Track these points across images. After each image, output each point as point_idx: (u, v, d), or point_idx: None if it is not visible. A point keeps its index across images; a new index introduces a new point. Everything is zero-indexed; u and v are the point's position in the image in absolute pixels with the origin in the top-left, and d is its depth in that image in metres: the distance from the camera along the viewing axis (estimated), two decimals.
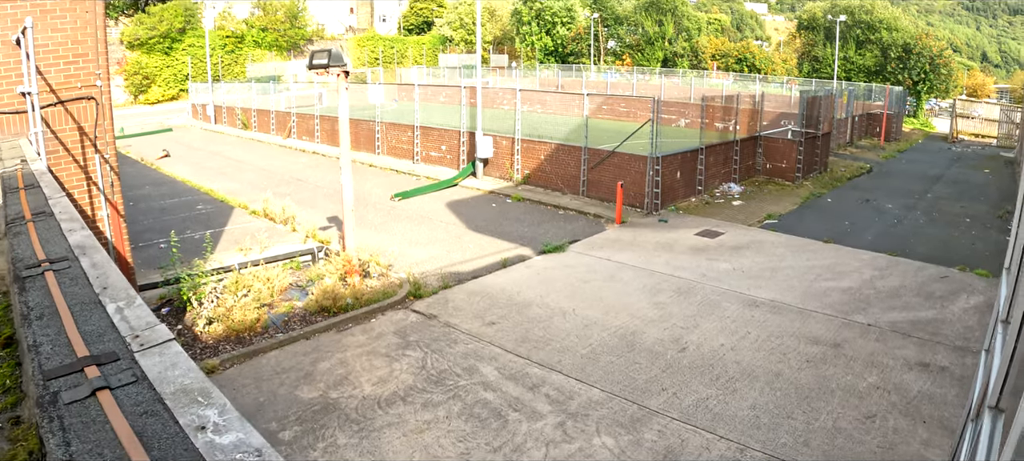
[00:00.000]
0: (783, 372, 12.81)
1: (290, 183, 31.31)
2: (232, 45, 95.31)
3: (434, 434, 10.52)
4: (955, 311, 16.15)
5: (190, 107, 65.82)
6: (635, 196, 26.70)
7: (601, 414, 11.22)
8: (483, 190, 30.06)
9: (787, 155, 33.97)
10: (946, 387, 12.34)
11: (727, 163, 31.90)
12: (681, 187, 28.37)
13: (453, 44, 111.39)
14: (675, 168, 27.71)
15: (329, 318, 15.06)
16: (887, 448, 10.44)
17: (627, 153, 27.17)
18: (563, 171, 29.42)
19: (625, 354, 13.48)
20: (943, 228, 25.57)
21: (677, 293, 17.01)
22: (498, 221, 24.84)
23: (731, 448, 10.33)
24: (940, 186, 35.50)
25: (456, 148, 34.19)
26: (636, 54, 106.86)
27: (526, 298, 16.54)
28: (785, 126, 36.85)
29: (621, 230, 23.88)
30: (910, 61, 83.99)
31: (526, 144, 30.99)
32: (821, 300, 16.69)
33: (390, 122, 38.38)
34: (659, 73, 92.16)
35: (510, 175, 31.45)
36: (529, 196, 28.64)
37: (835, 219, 26.32)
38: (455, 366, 12.85)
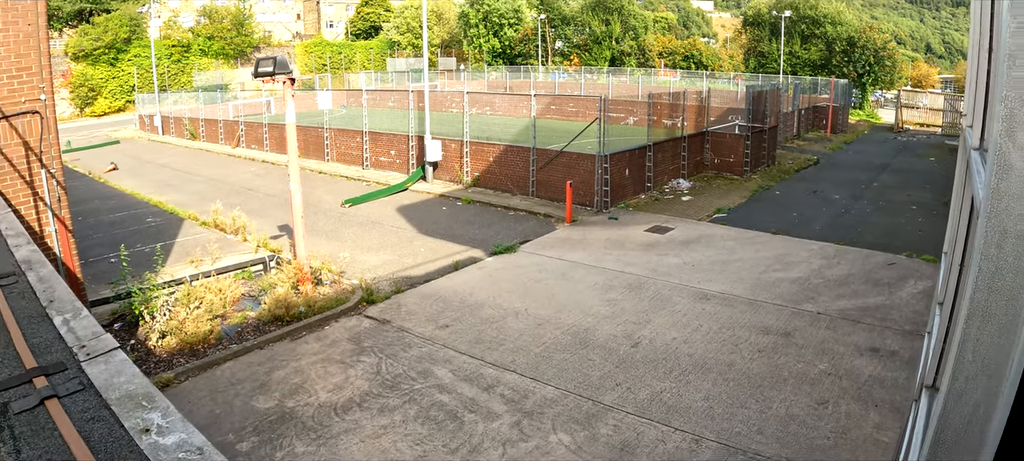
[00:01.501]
0: (735, 363, 12.89)
1: (240, 193, 31.04)
2: (178, 54, 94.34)
3: (391, 438, 10.48)
4: (903, 296, 16.33)
5: (137, 118, 64.93)
6: (585, 195, 26.75)
7: (556, 411, 11.23)
8: (433, 193, 29.96)
9: (735, 150, 34.21)
10: (896, 371, 12.49)
11: (675, 159, 32.05)
12: (630, 184, 28.47)
13: (401, 48, 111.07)
14: (624, 166, 27.80)
15: (283, 327, 14.93)
16: (840, 433, 10.53)
17: (575, 152, 27.24)
18: (512, 172, 29.43)
19: (578, 351, 13.50)
20: (890, 216, 25.86)
21: (629, 289, 17.05)
22: (449, 224, 24.77)
23: (686, 439, 10.38)
24: (886, 175, 35.89)
25: (405, 152, 34.07)
26: (584, 54, 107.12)
27: (478, 299, 16.51)
28: (732, 121, 37.15)
29: (571, 229, 23.92)
30: (855, 54, 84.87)
31: (475, 146, 30.96)
32: (771, 291, 16.81)
33: (339, 128, 38.16)
34: (607, 72, 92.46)
35: (460, 178, 31.39)
36: (479, 198, 28.61)
37: (783, 211, 26.53)
38: (410, 370, 12.80)
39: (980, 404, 2.33)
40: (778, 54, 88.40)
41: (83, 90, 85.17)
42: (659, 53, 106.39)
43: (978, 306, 2.26)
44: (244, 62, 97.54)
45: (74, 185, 30.09)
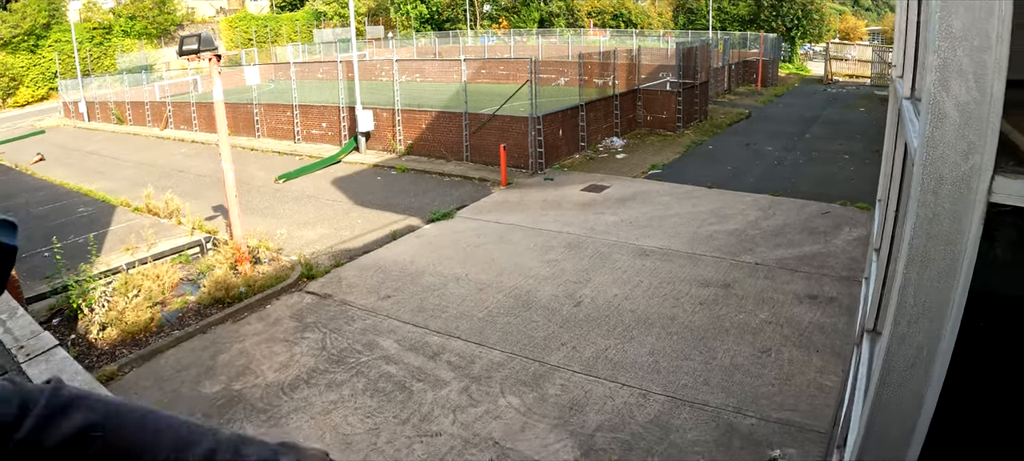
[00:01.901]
0: (678, 316, 13.03)
1: (171, 175, 30.59)
2: (100, 37, 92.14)
3: (342, 413, 10.46)
4: (839, 244, 16.60)
5: (62, 106, 63.40)
6: (519, 157, 26.76)
7: (504, 375, 11.28)
8: (367, 164, 29.77)
9: (667, 106, 34.39)
10: (836, 316, 12.71)
11: (608, 118, 32.14)
12: (564, 145, 28.53)
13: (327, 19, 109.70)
14: (557, 126, 27.84)
15: (224, 309, 14.78)
16: (784, 379, 10.71)
17: (508, 115, 27.26)
18: (446, 138, 29.33)
19: (522, 313, 13.56)
20: (823, 166, 26.20)
21: (568, 249, 17.13)
22: (385, 194, 24.65)
23: (634, 394, 10.49)
24: (818, 126, 36.33)
25: (337, 124, 33.81)
26: (512, 17, 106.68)
27: (419, 267, 16.48)
28: (664, 78, 37.26)
29: (508, 192, 23.93)
30: (783, 8, 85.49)
31: (407, 114, 30.79)
32: (709, 244, 16.98)
33: (268, 103, 37.68)
34: (536, 34, 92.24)
35: (393, 147, 31.22)
36: (413, 166, 28.48)
37: (718, 165, 26.74)
38: (355, 343, 12.76)
39: (923, 347, 2.39)
40: (707, 10, 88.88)
41: (4, 80, 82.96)
42: (588, 13, 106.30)
43: (917, 252, 2.31)
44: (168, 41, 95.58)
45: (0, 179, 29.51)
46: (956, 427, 2.66)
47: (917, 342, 2.39)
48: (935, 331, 2.34)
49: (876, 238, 6.54)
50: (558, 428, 9.80)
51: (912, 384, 2.45)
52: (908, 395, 2.47)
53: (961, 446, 2.77)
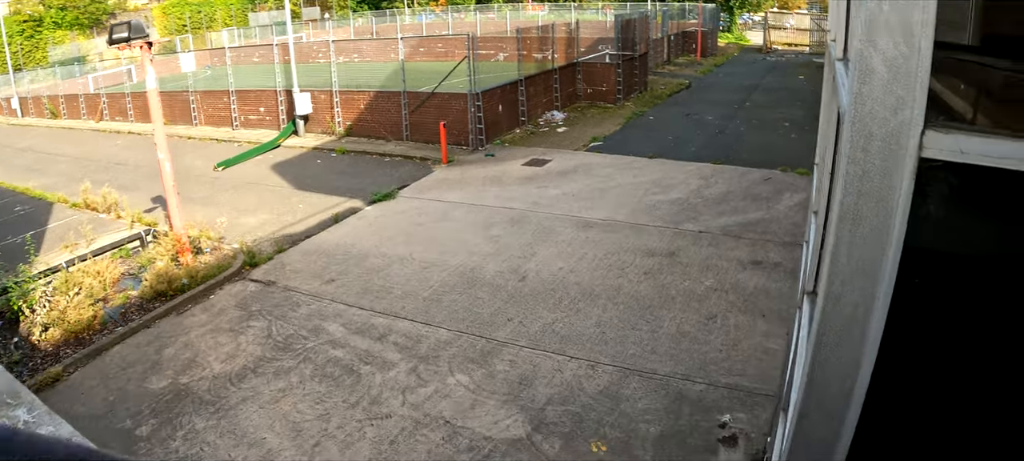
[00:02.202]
0: (623, 287, 13.08)
1: (109, 168, 30.06)
2: (31, 30, 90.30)
3: (291, 400, 10.39)
4: (781, 209, 16.75)
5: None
6: (459, 134, 26.68)
7: (451, 353, 11.28)
8: (307, 147, 29.51)
9: (607, 78, 34.48)
10: (780, 281, 12.85)
11: (548, 92, 32.15)
12: (505, 120, 28.49)
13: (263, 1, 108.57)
14: (496, 102, 27.79)
15: (167, 302, 14.56)
16: (732, 345, 10.82)
17: (447, 93, 27.14)
18: (385, 118, 29.16)
19: (467, 291, 13.54)
20: (763, 133, 26.41)
21: (511, 224, 17.12)
22: (325, 176, 24.46)
23: (582, 366, 10.53)
24: (757, 95, 36.59)
25: (275, 108, 33.48)
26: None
27: (362, 250, 16.38)
28: (603, 51, 37.32)
29: (449, 169, 23.85)
30: None
31: (345, 96, 30.56)
32: (652, 214, 17.05)
33: (204, 90, 37.14)
34: (474, 10, 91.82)
35: (332, 129, 30.96)
36: (353, 147, 28.28)
37: (659, 135, 26.85)
38: (301, 329, 12.67)
39: (858, 306, 2.38)
40: None
41: None
42: None
43: (848, 210, 2.30)
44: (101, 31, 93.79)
45: None
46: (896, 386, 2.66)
47: (852, 301, 2.38)
48: (869, 290, 2.34)
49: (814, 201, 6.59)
50: (508, 403, 9.82)
51: (848, 344, 2.44)
52: (845, 355, 2.47)
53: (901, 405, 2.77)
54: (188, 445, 9.58)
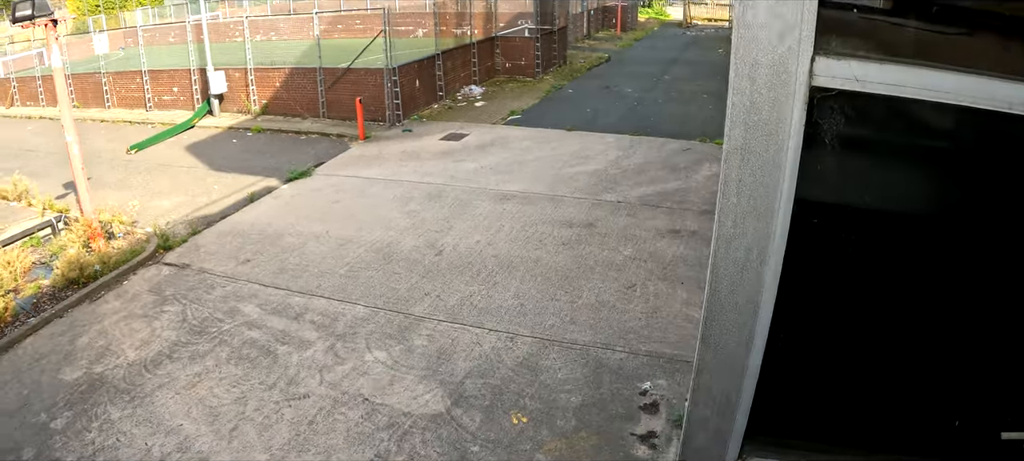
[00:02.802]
0: (541, 258, 13.06)
1: (19, 155, 29.25)
2: None
3: (207, 385, 10.18)
4: (699, 179, 16.88)
5: None
6: (376, 110, 26.47)
7: (369, 330, 11.18)
8: (222, 127, 29.02)
9: (525, 52, 34.51)
10: (698, 249, 12.94)
11: (466, 66, 32.07)
12: (422, 95, 28.34)
13: None
14: (413, 77, 27.63)
15: (79, 289, 14.15)
16: (651, 313, 10.87)
17: (363, 68, 26.93)
18: (301, 96, 28.81)
19: (384, 266, 13.41)
20: (682, 105, 26.63)
21: (428, 199, 17.01)
22: (241, 156, 24.10)
23: (501, 338, 10.50)
24: (677, 68, 36.92)
25: (189, 88, 32.84)
26: None
27: (277, 229, 16.14)
28: (522, 25, 37.32)
29: (366, 146, 23.64)
30: None
31: (260, 73, 30.11)
32: (570, 185, 17.06)
33: (117, 71, 36.27)
34: None
35: (248, 107, 30.51)
36: (269, 126, 27.88)
37: (578, 108, 26.92)
38: (216, 311, 12.42)
39: (752, 248, 2.29)
40: None
41: None
42: None
43: (736, 143, 2.20)
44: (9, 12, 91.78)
45: None
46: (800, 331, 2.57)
47: (745, 243, 2.29)
48: (763, 229, 2.24)
49: None
50: (427, 379, 9.75)
51: (744, 288, 2.35)
52: (741, 300, 2.38)
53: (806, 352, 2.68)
54: (104, 436, 9.33)
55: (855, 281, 2.53)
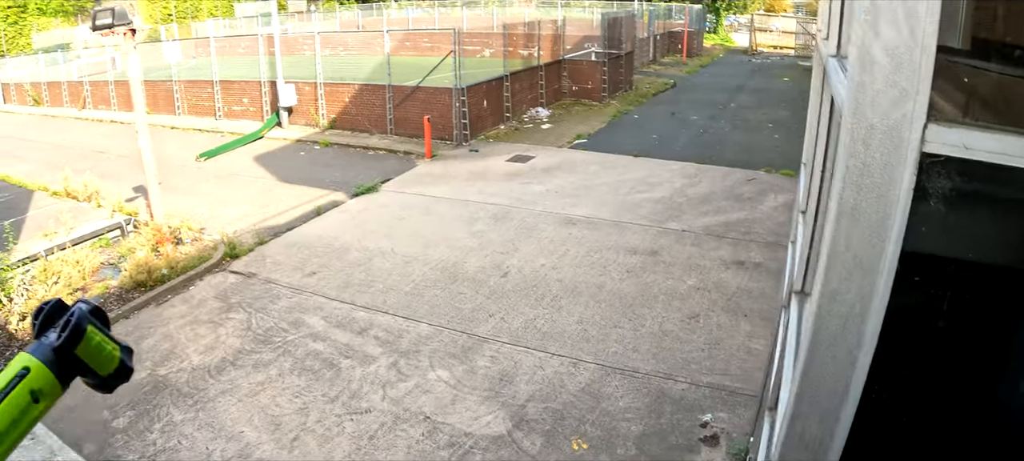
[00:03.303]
0: (605, 284, 13.05)
1: (90, 157, 29.84)
2: (15, 16, 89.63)
3: (270, 393, 10.30)
4: (764, 210, 16.77)
5: None
6: (444, 129, 26.61)
7: (432, 348, 11.22)
8: (290, 139, 29.40)
9: (592, 76, 34.51)
10: (763, 281, 12.84)
11: (534, 88, 32.13)
12: (489, 116, 28.45)
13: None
14: (481, 97, 27.73)
15: (146, 292, 14.42)
16: (714, 344, 10.81)
17: (432, 87, 27.07)
18: (369, 111, 29.07)
19: (449, 286, 13.48)
20: (748, 134, 26.48)
21: (494, 220, 17.08)
22: (308, 169, 24.37)
23: (564, 363, 10.50)
24: (742, 96, 36.68)
25: (259, 99, 33.32)
26: None
27: (344, 243, 16.30)
28: (589, 48, 37.34)
29: (432, 164, 23.79)
30: None
31: (330, 88, 30.44)
32: (635, 212, 17.04)
33: (188, 80, 36.91)
34: (461, 5, 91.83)
35: (316, 121, 30.85)
36: (337, 140, 28.18)
37: (643, 134, 26.87)
38: (281, 322, 12.57)
39: (855, 304, 2.33)
40: None
41: None
42: None
43: (847, 205, 2.25)
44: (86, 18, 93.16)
45: None
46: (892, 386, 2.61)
47: (849, 299, 2.34)
48: (867, 287, 2.29)
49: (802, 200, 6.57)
50: (489, 400, 9.77)
51: (845, 342, 2.40)
52: (841, 353, 2.42)
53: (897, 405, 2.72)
54: (165, 438, 9.48)
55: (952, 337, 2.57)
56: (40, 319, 1.89)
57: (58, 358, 1.84)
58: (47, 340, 1.86)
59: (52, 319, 1.89)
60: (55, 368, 1.83)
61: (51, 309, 1.91)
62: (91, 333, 1.89)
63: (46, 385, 1.82)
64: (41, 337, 1.87)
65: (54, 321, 1.89)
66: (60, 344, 1.83)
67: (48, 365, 1.82)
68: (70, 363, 1.87)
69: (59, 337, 1.84)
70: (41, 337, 1.87)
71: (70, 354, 1.86)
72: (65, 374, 1.87)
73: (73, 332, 1.85)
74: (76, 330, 1.85)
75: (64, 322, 1.86)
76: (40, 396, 1.81)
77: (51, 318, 1.89)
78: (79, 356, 1.87)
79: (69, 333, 1.84)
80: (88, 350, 1.88)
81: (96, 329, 1.92)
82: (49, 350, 1.83)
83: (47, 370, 1.82)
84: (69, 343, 1.84)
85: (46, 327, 1.89)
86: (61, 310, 1.91)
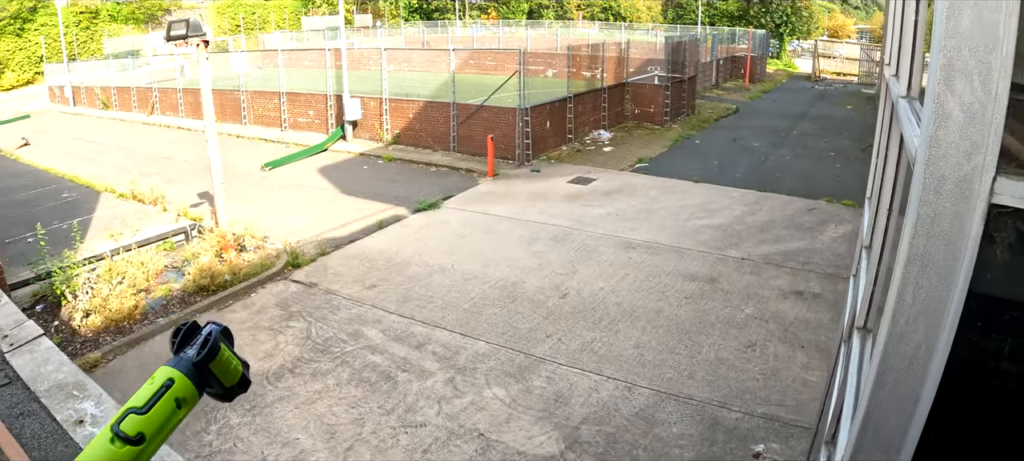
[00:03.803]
0: (663, 310, 13.05)
1: (157, 162, 30.39)
2: (87, 21, 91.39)
3: (326, 403, 10.43)
4: (825, 240, 16.66)
5: (47, 90, 62.82)
6: (506, 148, 26.76)
7: (489, 366, 11.29)
8: (354, 153, 29.72)
9: (655, 100, 34.48)
10: (821, 312, 12.76)
11: (596, 110, 32.19)
12: (552, 136, 28.53)
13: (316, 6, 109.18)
14: (544, 118, 27.84)
15: (208, 297, 14.71)
16: (769, 374, 10.76)
17: (496, 106, 27.24)
18: (433, 128, 29.30)
19: (507, 305, 13.56)
20: (809, 162, 26.30)
21: (554, 241, 17.14)
22: (371, 182, 24.61)
23: (619, 387, 10.51)
24: (805, 123, 36.45)
25: (324, 112, 33.72)
26: (501, 7, 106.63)
27: (404, 257, 16.46)
28: (652, 72, 37.37)
29: (494, 183, 23.93)
30: (772, 4, 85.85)
31: (394, 103, 30.74)
32: (695, 238, 17.02)
33: (255, 91, 37.53)
34: (525, 25, 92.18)
35: (380, 136, 31.16)
36: (400, 155, 28.44)
37: (704, 159, 26.81)
38: (340, 332, 12.73)
39: (921, 345, 2.40)
40: (696, 5, 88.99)
41: None
42: (577, 5, 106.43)
43: (917, 251, 2.32)
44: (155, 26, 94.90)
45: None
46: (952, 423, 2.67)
47: (915, 341, 2.40)
48: (933, 330, 2.36)
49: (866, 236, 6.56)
50: (543, 420, 9.82)
51: (909, 381, 2.46)
52: (905, 392, 2.49)
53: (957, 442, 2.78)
54: (221, 440, 9.65)
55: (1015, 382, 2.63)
56: (178, 337, 2.15)
57: (196, 371, 2.09)
58: (186, 355, 2.10)
59: (189, 337, 2.15)
60: (194, 379, 2.07)
61: (188, 329, 2.16)
62: (223, 350, 2.16)
63: (188, 394, 2.06)
64: (180, 353, 2.12)
65: (190, 339, 2.14)
66: (199, 359, 2.08)
67: (189, 377, 2.06)
68: (204, 375, 2.11)
69: (198, 353, 2.09)
70: (180, 353, 2.12)
71: (205, 367, 2.10)
72: (201, 384, 2.11)
73: (211, 349, 2.10)
74: (213, 347, 2.11)
75: (202, 340, 2.12)
76: (182, 403, 2.05)
77: (188, 336, 2.15)
78: (212, 369, 2.12)
79: (207, 350, 2.10)
80: (219, 364, 2.13)
81: (226, 346, 2.18)
82: (189, 364, 2.08)
83: (189, 381, 2.06)
84: (207, 358, 2.09)
85: (184, 344, 2.14)
86: (195, 330, 2.16)
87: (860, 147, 28.16)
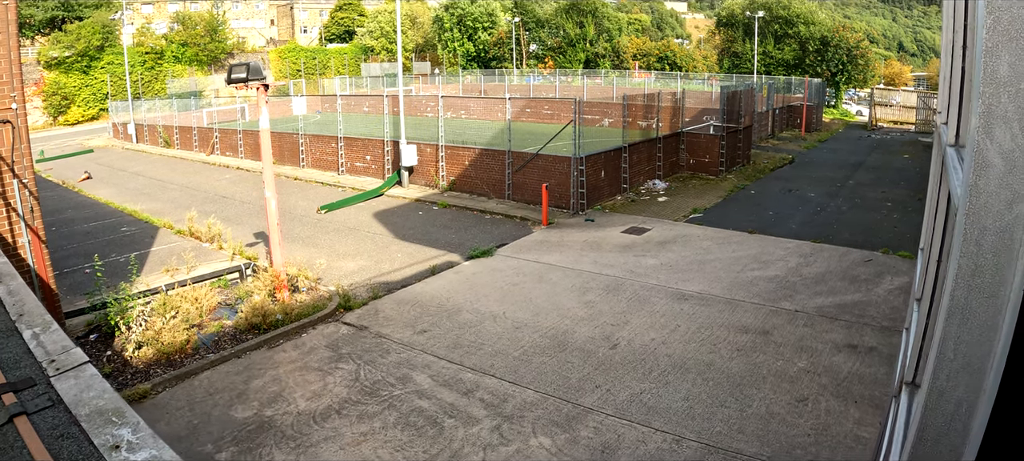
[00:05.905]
0: (714, 362, 12.90)
1: (215, 200, 30.85)
2: (152, 62, 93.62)
3: (371, 445, 10.41)
4: (880, 293, 16.40)
5: (111, 126, 64.38)
6: (561, 197, 26.78)
7: (536, 415, 11.20)
8: (409, 198, 29.90)
9: (710, 149, 34.34)
10: (875, 367, 12.53)
11: (651, 160, 32.12)
12: (606, 186, 28.52)
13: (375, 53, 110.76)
14: (599, 167, 27.84)
15: (260, 335, 14.83)
16: (821, 430, 10.56)
17: (551, 155, 27.25)
18: (488, 176, 29.42)
19: (557, 354, 13.47)
20: (865, 213, 26.01)
21: (606, 291, 17.05)
22: (425, 228, 24.72)
23: (667, 440, 10.37)
24: (861, 173, 36.11)
25: (381, 157, 34.00)
26: (558, 57, 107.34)
27: (456, 304, 16.46)
28: (707, 121, 37.31)
29: (548, 231, 23.91)
30: (828, 53, 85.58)
31: (450, 150, 30.93)
32: (748, 289, 16.84)
33: (313, 134, 38.03)
34: (581, 74, 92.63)
35: (435, 182, 31.34)
36: (455, 202, 28.58)
37: (759, 209, 26.63)
38: (388, 376, 12.73)
39: (962, 402, 2.33)
40: (752, 54, 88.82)
41: (56, 98, 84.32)
42: (633, 55, 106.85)
43: (958, 304, 2.26)
44: (218, 68, 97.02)
45: (47, 195, 29.85)
46: None
47: (956, 397, 2.33)
48: (975, 386, 2.29)
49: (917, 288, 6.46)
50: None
51: (950, 439, 2.39)
52: (945, 450, 2.42)
53: None
54: None
55: None
56: None
57: None
58: None
59: None
60: None
61: None
62: None
63: None
64: None
65: None
66: None
67: None
68: None
69: None
70: None
71: None
72: None
73: None
74: None
75: None
76: None
77: None
78: None
79: None
80: None
81: None
82: None
83: None
84: None
85: None
86: None
87: (917, 197, 27.83)
